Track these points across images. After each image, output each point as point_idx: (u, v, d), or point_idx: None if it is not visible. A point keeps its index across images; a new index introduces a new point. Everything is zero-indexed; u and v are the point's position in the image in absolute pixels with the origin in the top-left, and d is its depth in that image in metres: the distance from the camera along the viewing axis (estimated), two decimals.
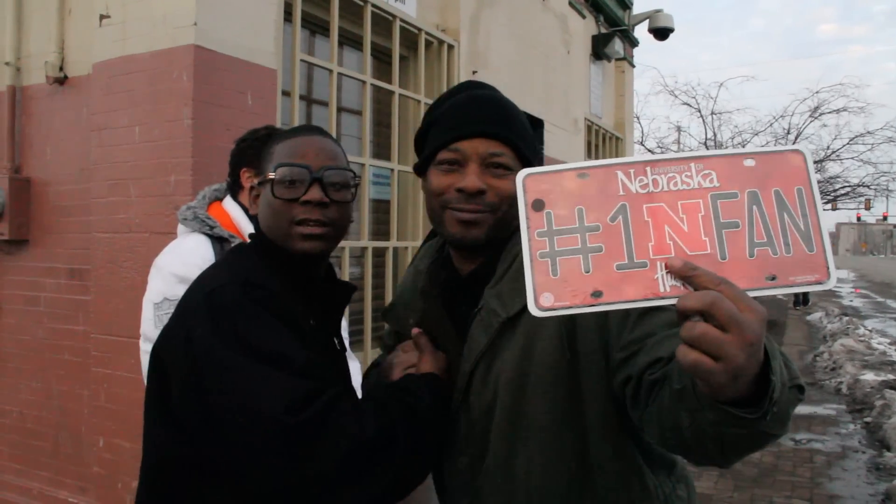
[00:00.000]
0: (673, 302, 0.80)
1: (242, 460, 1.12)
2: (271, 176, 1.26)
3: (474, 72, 5.39)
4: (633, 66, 10.35)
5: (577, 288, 0.85)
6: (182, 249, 2.17)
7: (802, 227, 0.85)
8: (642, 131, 17.35)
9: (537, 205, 0.89)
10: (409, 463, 1.17)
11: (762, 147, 0.88)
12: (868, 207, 28.42)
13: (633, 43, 10.18)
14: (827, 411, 6.98)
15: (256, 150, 2.19)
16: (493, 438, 1.25)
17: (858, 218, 61.60)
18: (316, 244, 1.26)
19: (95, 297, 3.48)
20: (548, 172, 0.91)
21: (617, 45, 8.98)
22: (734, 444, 0.87)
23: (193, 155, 3.10)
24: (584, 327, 1.19)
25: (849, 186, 15.34)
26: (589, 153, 8.49)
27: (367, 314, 4.39)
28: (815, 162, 14.84)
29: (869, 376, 7.88)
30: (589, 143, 8.48)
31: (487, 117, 1.28)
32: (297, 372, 1.12)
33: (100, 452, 3.45)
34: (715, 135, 15.07)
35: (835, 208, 18.11)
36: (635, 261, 0.85)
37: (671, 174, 0.89)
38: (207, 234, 2.18)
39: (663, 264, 0.84)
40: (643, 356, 1.07)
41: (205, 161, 3.13)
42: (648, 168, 0.89)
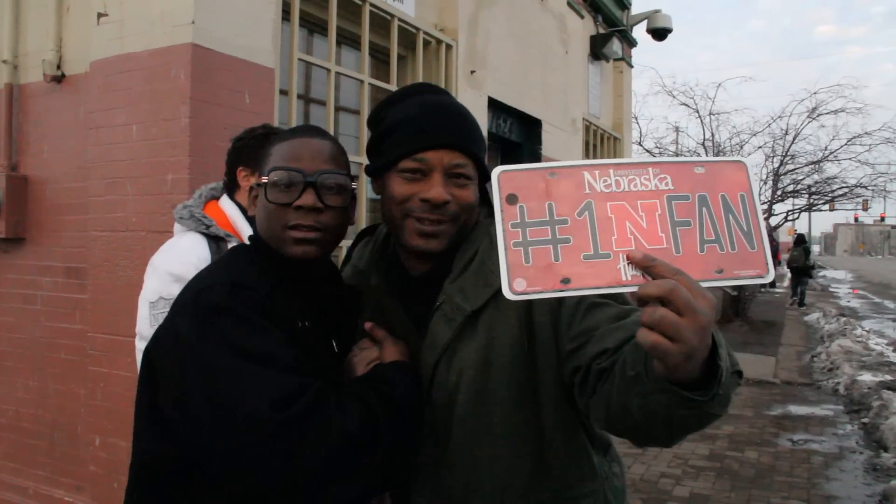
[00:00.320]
0: (634, 289, 0.89)
1: (229, 459, 1.11)
2: (265, 179, 1.26)
3: (472, 71, 5.39)
4: (632, 67, 10.35)
5: (548, 275, 0.92)
6: (178, 248, 2.17)
7: (745, 228, 0.95)
8: (640, 132, 17.38)
9: (511, 199, 0.96)
10: (394, 453, 1.18)
11: (710, 158, 0.98)
12: (866, 208, 28.43)
13: (632, 43, 10.18)
14: (824, 412, 6.98)
15: (253, 149, 2.19)
16: (457, 428, 1.29)
17: (856, 219, 61.71)
18: (308, 248, 1.25)
19: (92, 296, 3.47)
20: (521, 170, 0.99)
21: (615, 46, 8.98)
22: (682, 425, 0.96)
23: (191, 154, 3.10)
24: (540, 321, 1.26)
25: (846, 187, 15.36)
26: (587, 153, 8.48)
27: None
28: (813, 163, 14.91)
29: (866, 377, 7.89)
30: (587, 144, 8.47)
31: (453, 128, 1.31)
32: (283, 369, 1.13)
33: (96, 451, 3.44)
34: (713, 135, 15.09)
35: (832, 209, 18.14)
36: (600, 252, 0.93)
37: (631, 176, 0.98)
38: (204, 233, 2.18)
39: (625, 256, 0.93)
40: (591, 347, 1.15)
41: (202, 160, 3.12)
42: (611, 170, 0.98)
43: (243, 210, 2.24)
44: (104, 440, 3.41)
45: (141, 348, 2.13)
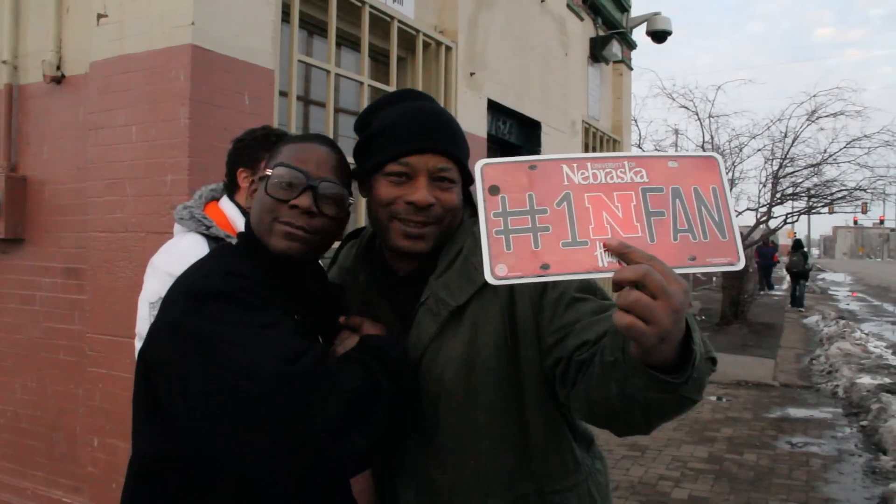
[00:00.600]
0: (610, 275, 0.92)
1: (237, 431, 1.10)
2: (269, 172, 1.28)
3: (472, 73, 5.39)
4: (631, 69, 10.35)
5: (528, 261, 0.97)
6: (178, 249, 2.16)
7: (717, 219, 1.00)
8: (640, 134, 17.35)
9: (493, 190, 1.01)
10: (395, 410, 1.20)
11: (683, 153, 1.03)
12: (865, 211, 28.44)
13: (631, 45, 10.19)
14: (823, 415, 6.98)
15: (253, 151, 2.19)
16: (442, 422, 1.32)
17: (855, 222, 61.80)
18: (293, 244, 1.27)
19: (91, 297, 3.47)
20: (503, 163, 1.04)
21: (615, 48, 8.99)
22: (659, 409, 1.00)
23: (190, 155, 3.10)
24: (523, 315, 1.30)
25: (846, 190, 15.33)
26: None
27: None
28: (813, 165, 14.87)
29: (865, 380, 7.89)
30: (586, 146, 8.47)
31: (437, 133, 1.35)
32: (287, 333, 1.17)
33: (94, 452, 3.44)
34: (712, 138, 15.07)
35: (832, 212, 18.09)
36: (578, 240, 0.98)
37: (608, 169, 1.03)
38: (204, 234, 2.17)
39: (602, 244, 0.97)
40: (572, 339, 1.20)
41: (201, 161, 3.12)
42: (589, 164, 1.03)
43: (244, 211, 2.23)
44: (102, 441, 3.40)
45: None
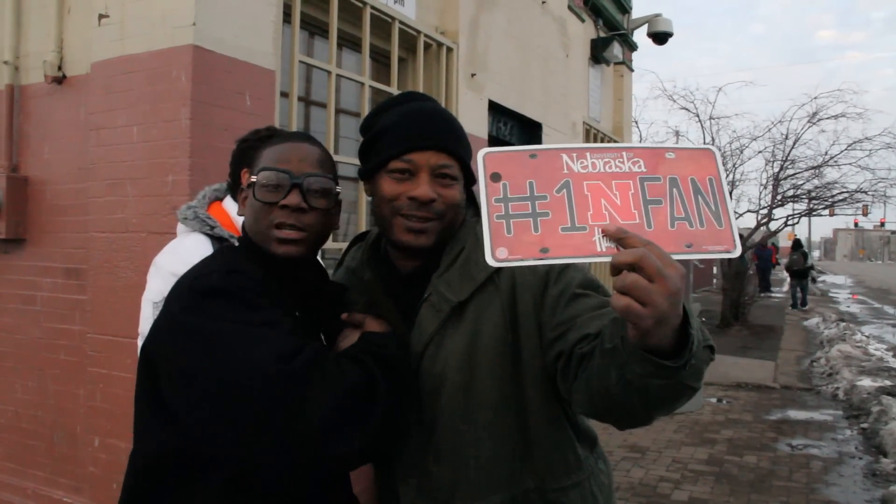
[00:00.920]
0: (608, 259, 0.94)
1: (237, 425, 1.13)
2: (254, 179, 1.31)
3: (473, 74, 5.39)
4: (632, 71, 10.36)
5: (528, 245, 0.99)
6: (182, 249, 2.16)
7: (713, 208, 1.02)
8: (640, 135, 17.32)
9: (495, 177, 1.04)
10: (392, 409, 1.21)
11: (681, 145, 1.06)
12: (866, 213, 28.44)
13: (632, 47, 10.20)
14: (823, 417, 6.98)
15: (258, 151, 2.19)
16: (443, 417, 1.34)
17: (856, 224, 61.72)
18: (291, 248, 1.30)
19: (92, 297, 3.47)
20: (504, 152, 1.07)
21: (616, 49, 8.99)
22: (658, 396, 1.01)
23: (191, 155, 3.10)
24: (524, 312, 1.32)
25: (846, 192, 15.28)
26: None
27: None
28: (814, 167, 14.85)
29: (866, 382, 7.89)
30: None
31: (438, 131, 1.38)
32: (285, 332, 1.18)
33: (95, 452, 3.44)
34: (713, 139, 15.03)
35: (832, 214, 18.08)
36: (577, 225, 1.00)
37: (607, 159, 1.06)
38: (207, 234, 2.17)
39: (600, 229, 0.99)
40: (573, 333, 1.22)
41: (202, 161, 3.13)
42: (588, 153, 1.06)
43: None
44: (103, 441, 3.40)
45: None
